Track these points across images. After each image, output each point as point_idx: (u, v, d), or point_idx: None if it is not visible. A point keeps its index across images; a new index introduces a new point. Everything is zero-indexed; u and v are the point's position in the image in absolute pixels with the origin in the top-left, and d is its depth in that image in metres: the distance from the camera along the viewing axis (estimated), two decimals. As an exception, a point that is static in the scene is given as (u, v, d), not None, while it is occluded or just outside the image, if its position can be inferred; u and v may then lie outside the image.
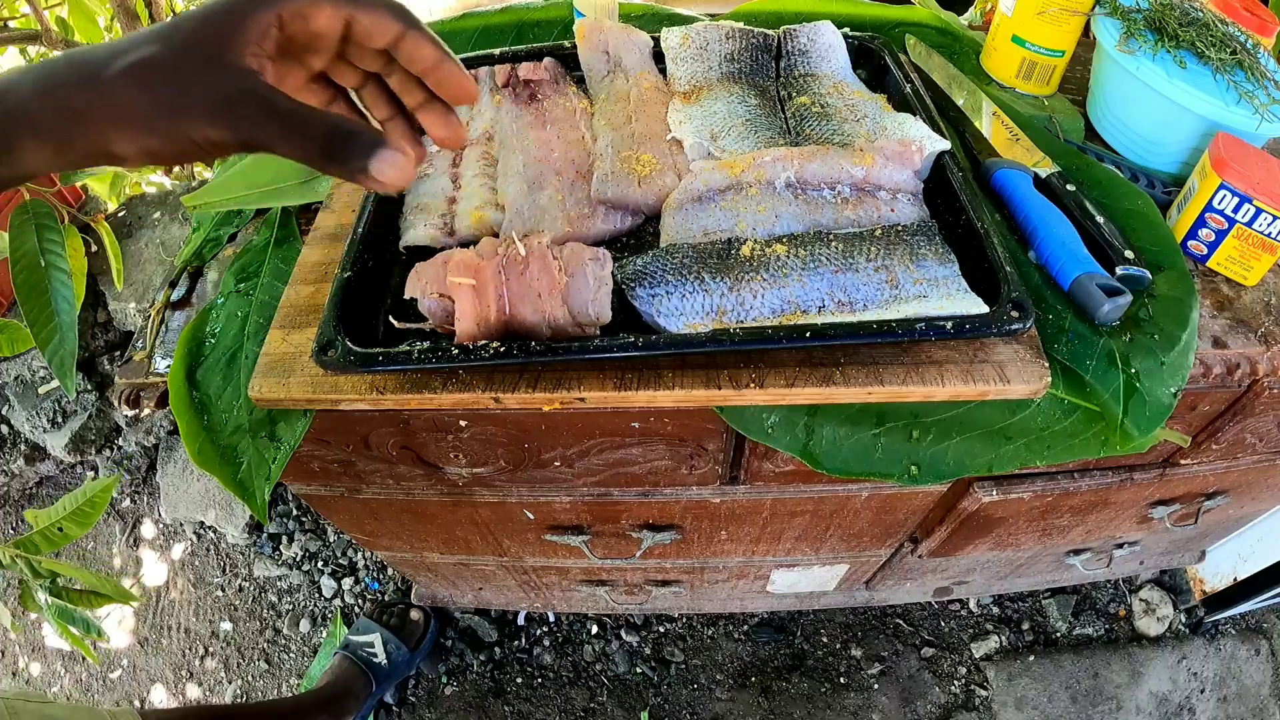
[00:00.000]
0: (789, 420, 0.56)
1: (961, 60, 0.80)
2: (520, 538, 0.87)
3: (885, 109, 0.64)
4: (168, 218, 1.13)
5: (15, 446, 1.39)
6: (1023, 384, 0.50)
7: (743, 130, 0.62)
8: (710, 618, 1.33)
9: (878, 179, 0.57)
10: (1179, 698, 1.23)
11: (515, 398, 0.50)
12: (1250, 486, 0.85)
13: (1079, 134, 0.73)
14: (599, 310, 0.49)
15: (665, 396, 0.50)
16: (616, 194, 0.58)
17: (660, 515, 0.80)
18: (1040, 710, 1.22)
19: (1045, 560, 1.03)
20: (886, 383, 0.50)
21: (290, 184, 0.69)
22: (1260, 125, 0.60)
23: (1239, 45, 0.64)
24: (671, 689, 1.26)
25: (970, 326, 0.47)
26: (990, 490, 0.74)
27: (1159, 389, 0.53)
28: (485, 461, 0.67)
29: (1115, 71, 0.68)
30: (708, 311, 0.50)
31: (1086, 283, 0.54)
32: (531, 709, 1.25)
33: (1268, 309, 0.60)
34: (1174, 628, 1.29)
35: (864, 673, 1.27)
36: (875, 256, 0.52)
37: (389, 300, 0.56)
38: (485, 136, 0.67)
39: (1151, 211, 0.62)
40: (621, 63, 0.70)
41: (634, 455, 0.67)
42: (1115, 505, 0.82)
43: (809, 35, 0.70)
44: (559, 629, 1.32)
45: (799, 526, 0.84)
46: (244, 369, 0.59)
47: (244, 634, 1.35)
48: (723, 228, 0.56)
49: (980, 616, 1.33)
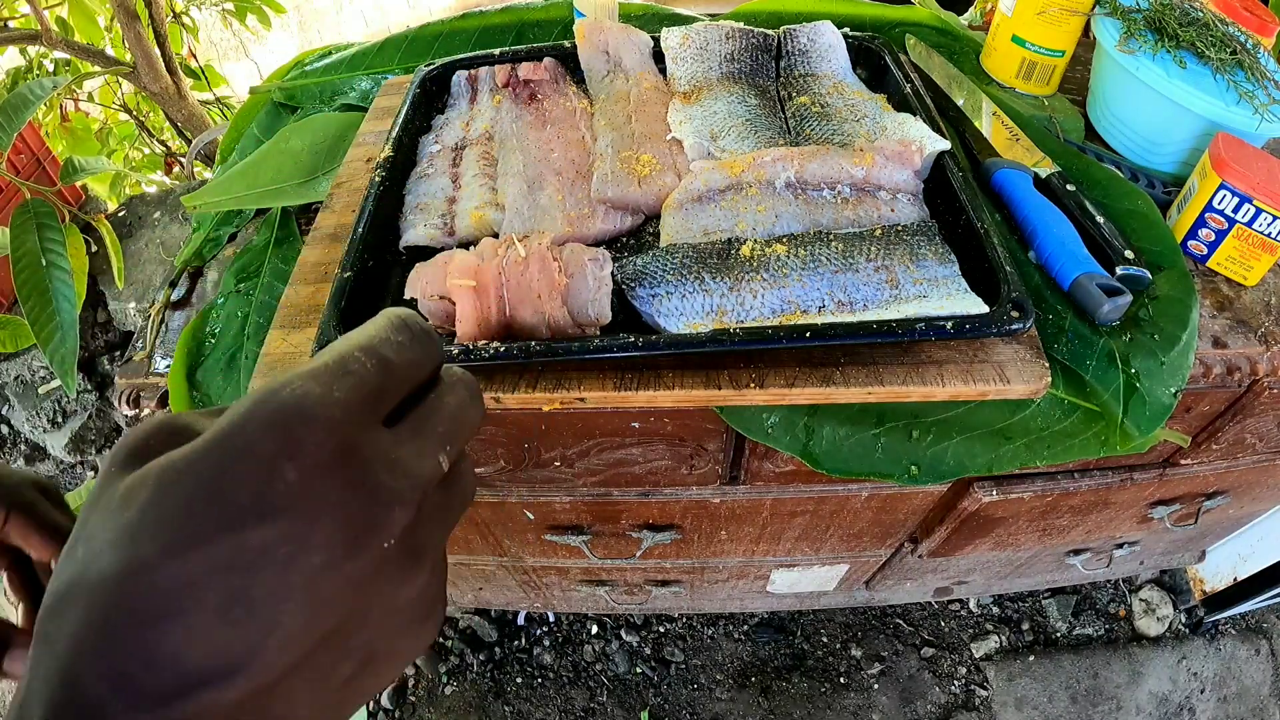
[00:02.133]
0: (789, 420, 0.56)
1: (961, 60, 0.80)
2: (520, 538, 0.87)
3: (885, 109, 0.64)
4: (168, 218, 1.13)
5: (15, 446, 1.39)
6: (1023, 384, 0.50)
7: (743, 130, 0.62)
8: (710, 618, 1.33)
9: (878, 179, 0.57)
10: (1179, 698, 1.23)
11: (515, 398, 0.50)
12: (1250, 486, 0.85)
13: (1079, 134, 0.73)
14: (599, 311, 0.49)
15: (665, 396, 0.50)
16: (616, 194, 0.58)
17: (660, 515, 0.80)
18: (1040, 710, 1.22)
19: (1045, 560, 1.03)
20: (886, 383, 0.50)
21: (290, 184, 0.69)
22: (1260, 125, 0.60)
23: (1239, 45, 0.64)
24: (671, 689, 1.26)
25: (970, 326, 0.47)
26: (990, 490, 0.74)
27: (1159, 389, 0.53)
28: (485, 461, 0.67)
29: (1115, 71, 0.68)
30: (708, 311, 0.50)
31: (1086, 283, 0.54)
32: (531, 709, 1.25)
33: (1268, 309, 0.60)
34: (1174, 628, 1.29)
35: (864, 673, 1.27)
36: (875, 256, 0.52)
37: (389, 300, 0.56)
38: (485, 136, 0.67)
39: (1151, 211, 0.62)
40: (621, 63, 0.70)
41: (634, 455, 0.67)
42: (1115, 505, 0.82)
43: (809, 35, 0.70)
44: (559, 629, 1.32)
45: (799, 526, 0.84)
46: (244, 369, 0.59)
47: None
48: (723, 228, 0.56)
49: (980, 616, 1.33)
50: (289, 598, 0.18)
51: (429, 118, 0.71)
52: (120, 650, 0.17)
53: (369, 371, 0.21)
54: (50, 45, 1.07)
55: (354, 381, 0.20)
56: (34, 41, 1.10)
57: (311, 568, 0.18)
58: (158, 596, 0.17)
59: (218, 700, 0.18)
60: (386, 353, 0.21)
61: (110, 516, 0.18)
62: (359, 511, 0.19)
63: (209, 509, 0.18)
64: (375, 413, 0.21)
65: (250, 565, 0.18)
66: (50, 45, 1.07)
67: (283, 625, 0.18)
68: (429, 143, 0.67)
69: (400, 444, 0.21)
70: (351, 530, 0.19)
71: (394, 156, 0.63)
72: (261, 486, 0.18)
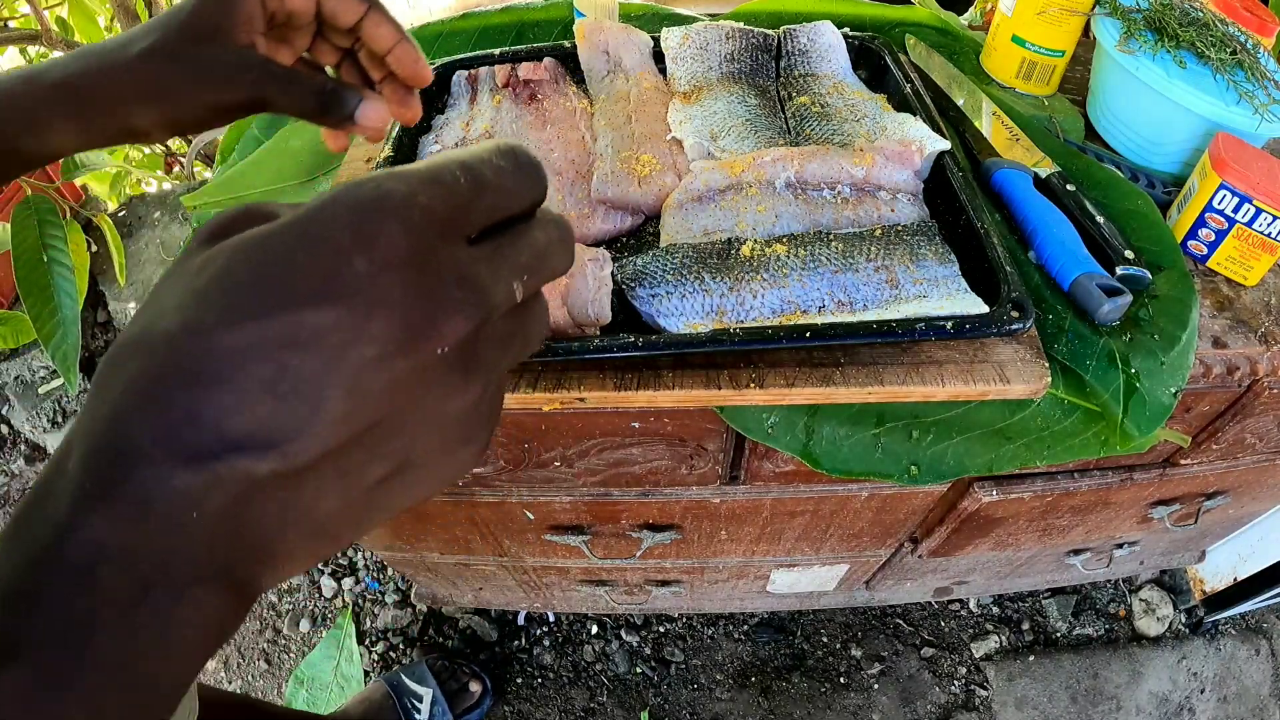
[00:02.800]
0: (789, 420, 0.56)
1: (961, 60, 0.80)
2: (520, 538, 0.87)
3: (885, 109, 0.64)
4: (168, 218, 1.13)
5: (15, 446, 1.39)
6: (1023, 384, 0.50)
7: (743, 130, 0.62)
8: (710, 618, 1.33)
9: (878, 179, 0.57)
10: (1179, 698, 1.23)
11: (515, 398, 0.50)
12: (1250, 486, 0.85)
13: (1079, 134, 0.73)
14: (599, 311, 0.49)
15: (665, 396, 0.50)
16: (616, 194, 0.58)
17: (660, 515, 0.80)
18: (1040, 710, 1.22)
19: (1045, 560, 1.03)
20: (886, 383, 0.50)
21: (290, 184, 0.69)
22: (1260, 125, 0.60)
23: (1239, 45, 0.64)
24: (671, 689, 1.26)
25: (970, 326, 0.47)
26: (990, 490, 0.74)
27: (1159, 389, 0.53)
28: (485, 461, 0.67)
29: (1115, 71, 0.68)
30: (708, 311, 0.50)
31: (1086, 283, 0.54)
32: (531, 709, 1.25)
33: (1268, 309, 0.60)
34: (1174, 628, 1.29)
35: (864, 673, 1.27)
36: (875, 256, 0.52)
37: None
38: (485, 136, 0.67)
39: (1151, 211, 0.62)
40: (621, 63, 0.70)
41: (634, 455, 0.67)
42: (1115, 505, 0.82)
43: (809, 35, 0.70)
44: (559, 629, 1.32)
45: (799, 526, 0.84)
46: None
47: (244, 634, 1.35)
48: (723, 228, 0.56)
49: (980, 616, 1.33)
50: (336, 384, 0.18)
51: (429, 117, 0.71)
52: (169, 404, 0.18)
53: (460, 185, 0.21)
54: (50, 45, 1.07)
55: (442, 191, 0.20)
56: (34, 41, 1.10)
57: (362, 358, 0.18)
58: (211, 360, 0.18)
59: (250, 470, 0.18)
60: (484, 171, 0.21)
61: (182, 282, 0.19)
62: (419, 312, 0.19)
63: (273, 285, 0.18)
64: (457, 226, 0.21)
65: (304, 345, 0.18)
66: (50, 45, 1.07)
67: (325, 410, 0.18)
68: (429, 143, 0.67)
69: (476, 261, 0.21)
70: (408, 329, 0.19)
71: (394, 156, 0.63)
72: (328, 272, 0.18)
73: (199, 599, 0.19)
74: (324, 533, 0.21)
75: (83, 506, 0.18)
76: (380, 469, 0.21)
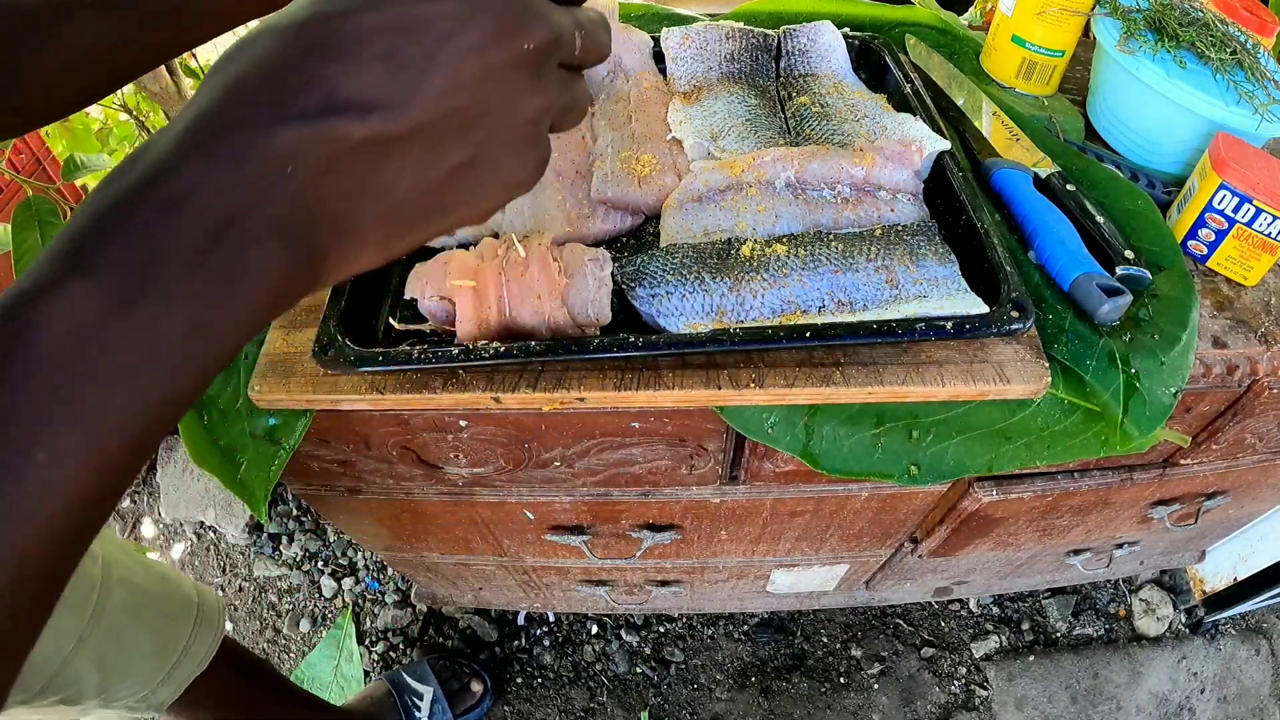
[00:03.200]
0: (789, 420, 0.56)
1: (961, 60, 0.80)
2: (520, 538, 0.87)
3: (885, 109, 0.64)
4: (168, 218, 1.13)
5: (15, 446, 1.39)
6: (1023, 384, 0.50)
7: (743, 130, 0.62)
8: (710, 618, 1.33)
9: (878, 179, 0.57)
10: (1179, 698, 1.23)
11: (515, 398, 0.50)
12: (1250, 486, 0.85)
13: (1079, 134, 0.73)
14: (599, 311, 0.49)
15: (665, 396, 0.50)
16: (616, 194, 0.58)
17: (660, 515, 0.80)
18: (1040, 710, 1.22)
19: (1045, 560, 1.03)
20: (886, 383, 0.50)
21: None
22: (1260, 125, 0.60)
23: (1239, 45, 0.64)
24: (671, 689, 1.26)
25: (970, 326, 0.47)
26: (990, 490, 0.74)
27: (1159, 389, 0.53)
28: (485, 461, 0.67)
29: (1115, 71, 0.68)
30: (708, 311, 0.50)
31: (1086, 283, 0.54)
32: (531, 709, 1.25)
33: (1268, 309, 0.60)
34: (1174, 628, 1.29)
35: (864, 673, 1.27)
36: (875, 256, 0.52)
37: (389, 300, 0.56)
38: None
39: (1151, 211, 0.62)
40: (621, 63, 0.70)
41: (634, 455, 0.67)
42: (1115, 505, 0.82)
43: (809, 35, 0.70)
44: (559, 629, 1.32)
45: (799, 526, 0.84)
46: (244, 369, 0.58)
47: (244, 634, 1.35)
48: (723, 228, 0.56)
49: (980, 616, 1.33)
50: (438, 65, 0.22)
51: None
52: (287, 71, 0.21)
53: None
54: None
55: None
56: None
57: (463, 45, 0.22)
58: (333, 37, 0.21)
59: (347, 131, 0.21)
60: None
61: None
62: (513, 14, 0.23)
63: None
64: None
65: (416, 29, 0.21)
66: None
67: (428, 83, 0.22)
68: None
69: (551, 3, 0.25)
70: (504, 27, 0.23)
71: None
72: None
73: (269, 254, 0.21)
74: (397, 216, 0.23)
75: (182, 154, 0.20)
76: (458, 155, 0.23)
